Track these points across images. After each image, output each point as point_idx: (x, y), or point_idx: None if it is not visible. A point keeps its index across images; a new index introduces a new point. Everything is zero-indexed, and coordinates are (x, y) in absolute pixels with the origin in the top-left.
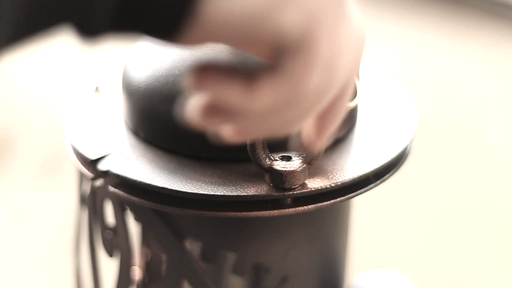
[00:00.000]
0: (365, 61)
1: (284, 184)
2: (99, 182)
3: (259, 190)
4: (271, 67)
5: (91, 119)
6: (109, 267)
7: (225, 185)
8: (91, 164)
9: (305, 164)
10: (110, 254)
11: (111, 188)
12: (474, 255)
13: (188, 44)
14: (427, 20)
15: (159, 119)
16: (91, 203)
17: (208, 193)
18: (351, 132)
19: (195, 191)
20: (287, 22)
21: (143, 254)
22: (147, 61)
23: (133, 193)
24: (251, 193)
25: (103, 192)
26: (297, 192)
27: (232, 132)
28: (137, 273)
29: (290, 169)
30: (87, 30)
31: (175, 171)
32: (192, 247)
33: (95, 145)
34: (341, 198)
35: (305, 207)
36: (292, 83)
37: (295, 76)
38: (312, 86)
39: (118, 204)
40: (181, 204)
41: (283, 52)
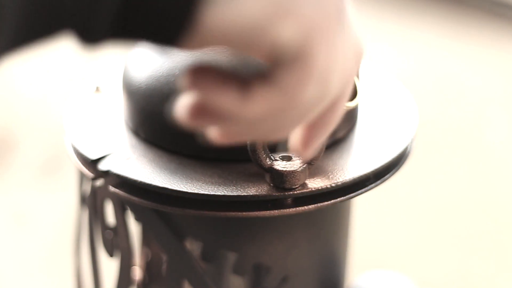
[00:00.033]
0: (365, 61)
1: (285, 184)
2: (100, 182)
3: (260, 190)
4: (266, 76)
5: (92, 119)
6: (110, 267)
7: (226, 185)
8: (92, 164)
9: (305, 164)
10: (111, 254)
11: (112, 188)
12: (474, 255)
13: (187, 50)
14: (427, 20)
15: (160, 119)
16: (92, 203)
17: (209, 193)
18: (351, 132)
19: (196, 191)
20: (285, 35)
21: (144, 254)
22: (147, 61)
23: (134, 193)
24: (252, 193)
25: (103, 192)
26: (298, 192)
27: (219, 134)
28: (137, 273)
29: (290, 169)
30: (88, 36)
31: (175, 171)
32: (193, 247)
33: (95, 145)
34: (342, 198)
35: (305, 207)
36: (286, 95)
37: (290, 88)
38: (306, 98)
39: (119, 204)
40: (181, 204)
41: (279, 63)
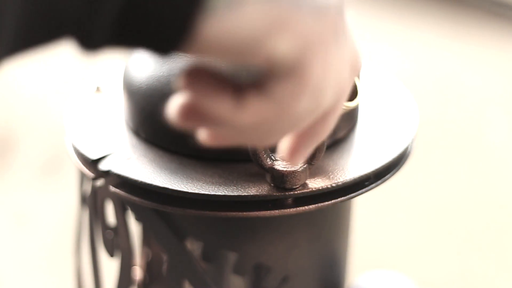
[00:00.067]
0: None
1: (285, 184)
2: (100, 182)
3: (260, 190)
4: (261, 86)
5: (92, 119)
6: (110, 267)
7: (226, 185)
8: (92, 164)
9: (306, 164)
10: (111, 254)
11: (112, 188)
12: (474, 255)
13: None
14: (427, 20)
15: (160, 119)
16: (92, 203)
17: (209, 193)
18: (352, 132)
19: (196, 191)
20: (281, 49)
21: (144, 254)
22: (148, 61)
23: (134, 193)
24: (252, 193)
25: (104, 192)
26: (298, 192)
27: (209, 136)
28: (138, 273)
29: (291, 169)
30: (87, 43)
31: (176, 171)
32: (193, 247)
33: (96, 145)
34: (342, 198)
35: (306, 207)
36: (279, 107)
37: (283, 101)
38: (298, 110)
39: (119, 204)
40: (182, 204)
41: (274, 75)
